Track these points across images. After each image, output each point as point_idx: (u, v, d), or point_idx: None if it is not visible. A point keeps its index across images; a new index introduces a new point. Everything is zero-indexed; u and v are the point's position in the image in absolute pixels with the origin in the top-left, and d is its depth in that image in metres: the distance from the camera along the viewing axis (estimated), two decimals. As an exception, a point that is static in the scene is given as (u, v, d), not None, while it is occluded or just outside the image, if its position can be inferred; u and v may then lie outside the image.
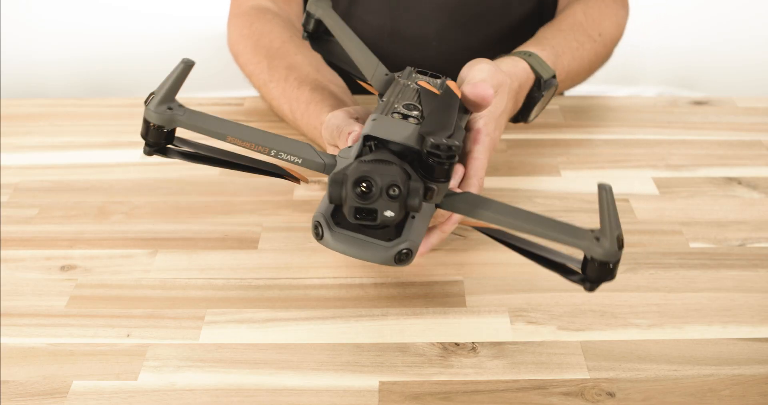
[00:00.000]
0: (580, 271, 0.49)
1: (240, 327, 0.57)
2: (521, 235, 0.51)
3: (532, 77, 0.72)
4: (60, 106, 0.89)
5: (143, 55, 1.90)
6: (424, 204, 0.52)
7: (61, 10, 1.86)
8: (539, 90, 0.72)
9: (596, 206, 0.70)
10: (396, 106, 0.55)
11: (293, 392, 0.52)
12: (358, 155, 0.52)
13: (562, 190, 0.73)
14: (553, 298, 0.60)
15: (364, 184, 0.47)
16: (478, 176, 0.58)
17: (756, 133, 0.83)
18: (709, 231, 0.68)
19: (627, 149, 0.80)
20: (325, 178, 0.70)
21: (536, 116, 0.75)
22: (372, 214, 0.47)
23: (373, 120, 0.53)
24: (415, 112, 0.54)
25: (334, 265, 0.64)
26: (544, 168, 0.76)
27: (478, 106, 0.57)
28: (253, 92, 0.86)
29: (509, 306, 0.59)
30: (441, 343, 0.56)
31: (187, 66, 0.50)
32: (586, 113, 0.87)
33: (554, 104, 0.88)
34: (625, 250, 0.65)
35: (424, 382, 0.53)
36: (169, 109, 0.52)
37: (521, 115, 0.73)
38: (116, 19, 1.89)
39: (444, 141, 0.49)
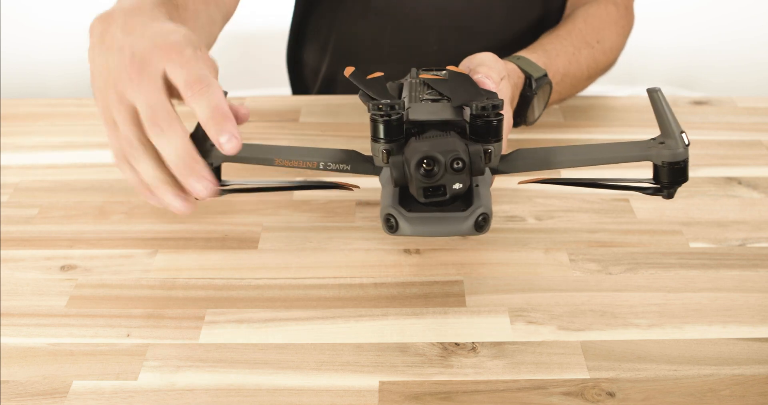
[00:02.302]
0: (652, 184, 0.52)
1: (240, 327, 0.57)
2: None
3: (522, 77, 0.72)
4: (60, 106, 0.89)
5: (143, 55, 1.89)
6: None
7: (61, 10, 1.86)
8: (531, 89, 0.72)
9: (597, 206, 0.71)
10: (420, 96, 0.55)
11: (293, 392, 0.52)
12: (406, 142, 0.51)
13: (562, 190, 0.73)
14: (553, 298, 0.60)
15: (426, 163, 0.47)
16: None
17: (756, 133, 0.83)
18: (709, 231, 0.68)
19: (627, 149, 0.80)
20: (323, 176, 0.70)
21: (537, 118, 0.75)
22: (440, 190, 0.47)
23: (408, 108, 0.53)
24: (439, 97, 0.55)
25: (334, 265, 0.64)
26: (544, 168, 0.76)
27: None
28: (254, 92, 0.86)
29: (509, 306, 0.59)
30: (441, 343, 0.56)
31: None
32: (586, 113, 0.87)
33: (554, 104, 0.88)
34: (625, 250, 0.65)
35: (424, 382, 0.53)
36: (211, 146, 0.52)
37: (519, 117, 0.73)
38: (116, 19, 1.88)
39: (487, 101, 0.50)
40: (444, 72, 0.60)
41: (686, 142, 0.50)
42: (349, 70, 0.57)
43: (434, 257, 0.64)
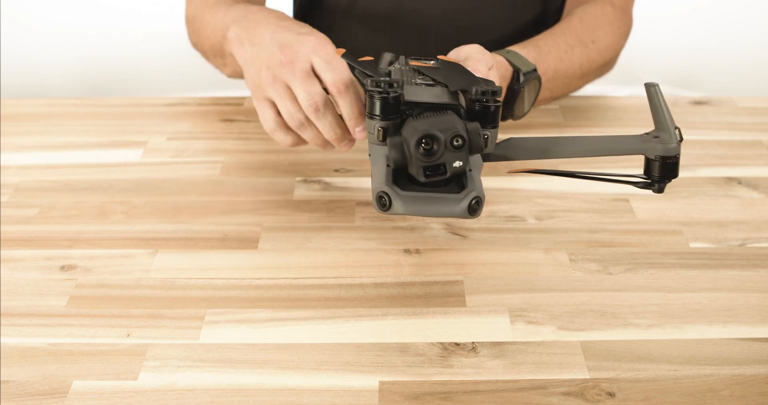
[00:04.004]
0: (643, 178, 0.52)
1: (240, 327, 0.57)
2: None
3: (510, 70, 0.72)
4: (60, 106, 0.89)
5: (143, 55, 1.89)
6: (474, 157, 0.52)
7: (61, 10, 1.86)
8: (518, 82, 0.72)
9: (597, 206, 0.71)
10: (413, 81, 0.55)
11: (293, 392, 0.52)
12: (402, 122, 0.51)
13: (562, 190, 0.73)
14: (553, 298, 0.60)
15: (425, 142, 0.46)
16: None
17: (756, 133, 0.83)
18: (709, 231, 0.68)
19: (627, 149, 0.80)
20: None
21: (525, 113, 0.75)
22: (441, 168, 0.47)
23: (405, 90, 0.53)
24: (432, 83, 0.55)
25: (334, 265, 0.64)
26: (544, 168, 0.76)
27: None
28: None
29: (509, 306, 0.59)
30: (441, 343, 0.56)
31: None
32: (586, 113, 0.87)
33: (554, 104, 0.88)
34: (625, 250, 0.65)
35: (424, 382, 0.53)
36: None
37: (506, 110, 0.73)
38: (116, 19, 1.88)
39: (487, 87, 0.50)
40: (433, 61, 0.60)
41: (680, 138, 0.50)
42: (340, 51, 0.57)
43: (434, 257, 0.64)
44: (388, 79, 0.50)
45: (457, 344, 0.56)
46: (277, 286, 0.61)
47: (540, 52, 0.77)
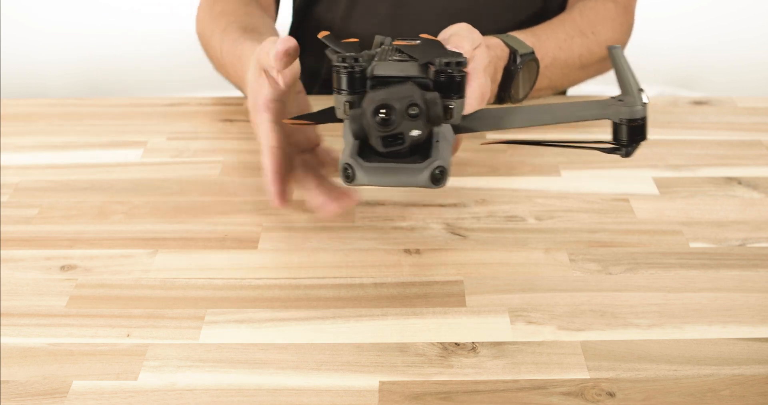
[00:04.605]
0: (611, 143, 0.52)
1: (240, 327, 0.57)
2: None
3: (507, 51, 0.72)
4: (60, 106, 0.89)
5: (143, 55, 1.90)
6: (445, 128, 0.52)
7: (61, 10, 1.86)
8: (515, 64, 0.72)
9: (597, 206, 0.71)
10: (388, 57, 0.55)
11: (293, 392, 0.52)
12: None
13: (562, 190, 0.73)
14: (553, 298, 0.60)
15: (382, 111, 0.47)
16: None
17: (756, 133, 0.83)
18: (709, 231, 0.68)
19: (627, 149, 0.80)
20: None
21: (524, 97, 0.75)
22: (399, 138, 0.48)
23: (374, 65, 0.53)
24: (407, 59, 0.55)
25: (334, 265, 0.64)
26: (544, 168, 0.76)
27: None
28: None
29: (509, 306, 0.59)
30: (441, 343, 0.56)
31: None
32: (586, 113, 0.87)
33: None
34: (625, 250, 0.65)
35: (424, 382, 0.53)
36: None
37: (504, 92, 0.73)
38: (116, 19, 1.89)
39: (452, 58, 0.50)
40: (417, 40, 0.61)
41: (645, 100, 0.50)
42: (323, 34, 0.57)
43: (434, 257, 0.64)
44: (353, 53, 0.50)
45: (457, 344, 0.56)
46: (277, 286, 0.61)
47: (538, 38, 0.77)
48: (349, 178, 0.50)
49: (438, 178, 0.49)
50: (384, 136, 0.47)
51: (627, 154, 0.52)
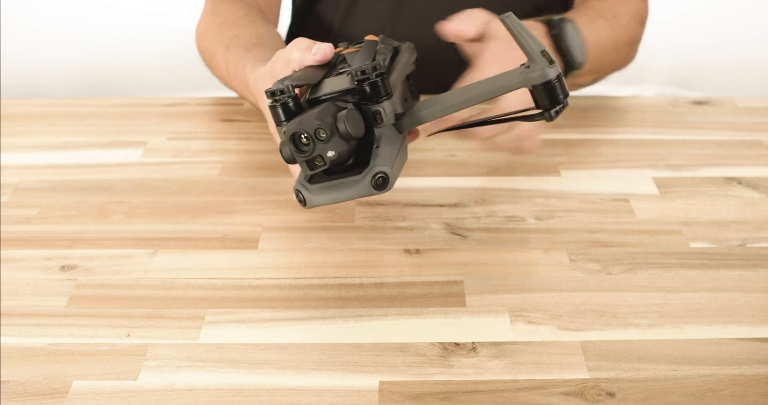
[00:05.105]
0: (535, 111, 0.51)
1: (240, 327, 0.57)
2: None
3: (539, 24, 0.72)
4: (60, 106, 0.89)
5: (143, 55, 1.90)
6: (385, 129, 0.53)
7: (61, 10, 1.86)
8: (555, 28, 0.72)
9: (598, 206, 0.71)
10: (338, 70, 0.57)
11: (293, 392, 0.52)
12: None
13: (562, 190, 0.73)
14: (553, 298, 0.60)
15: (297, 139, 0.49)
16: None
17: (756, 133, 0.83)
18: (709, 231, 0.68)
19: (627, 149, 0.80)
20: None
21: (584, 62, 0.74)
22: (319, 159, 0.49)
23: (312, 87, 0.55)
24: (346, 68, 0.56)
25: (334, 265, 0.64)
26: (544, 168, 0.76)
27: (458, 38, 0.65)
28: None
29: (509, 306, 0.59)
30: (441, 343, 0.56)
31: None
32: (586, 113, 0.87)
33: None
34: (625, 250, 0.65)
35: (424, 382, 0.53)
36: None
37: (563, 62, 0.73)
38: (116, 19, 1.89)
39: (366, 64, 0.51)
40: (361, 44, 0.61)
41: (550, 60, 0.49)
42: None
43: (434, 257, 0.64)
44: (273, 88, 0.52)
45: (457, 344, 0.56)
46: (277, 286, 0.61)
47: (562, 17, 0.75)
48: (302, 202, 0.52)
49: (380, 184, 0.51)
50: (306, 161, 0.49)
51: (551, 118, 0.51)
